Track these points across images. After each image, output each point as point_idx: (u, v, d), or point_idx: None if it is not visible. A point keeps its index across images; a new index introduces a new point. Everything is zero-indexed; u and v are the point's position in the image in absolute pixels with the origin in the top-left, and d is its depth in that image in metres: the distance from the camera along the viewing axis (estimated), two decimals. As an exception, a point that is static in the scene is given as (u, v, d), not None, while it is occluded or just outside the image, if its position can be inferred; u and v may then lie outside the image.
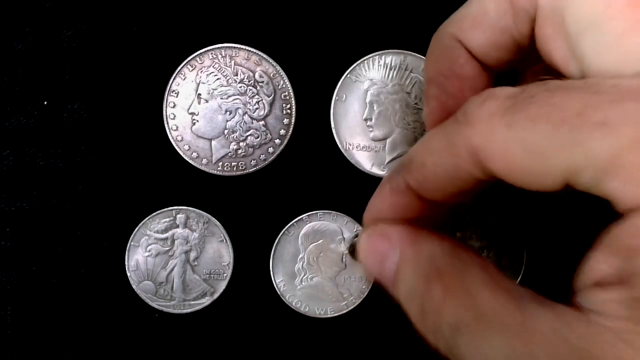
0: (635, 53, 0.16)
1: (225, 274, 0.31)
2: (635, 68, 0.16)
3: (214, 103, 0.31)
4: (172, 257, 0.31)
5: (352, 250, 0.31)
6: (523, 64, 0.22)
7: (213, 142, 0.31)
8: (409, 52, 0.31)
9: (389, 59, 0.31)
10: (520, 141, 0.16)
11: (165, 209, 0.31)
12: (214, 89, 0.31)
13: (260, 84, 0.31)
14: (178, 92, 0.31)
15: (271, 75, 0.31)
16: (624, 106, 0.15)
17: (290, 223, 0.31)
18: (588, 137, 0.15)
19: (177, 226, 0.31)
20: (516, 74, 0.23)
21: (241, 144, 0.31)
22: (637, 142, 0.14)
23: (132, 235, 0.31)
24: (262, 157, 0.31)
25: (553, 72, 0.19)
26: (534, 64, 0.22)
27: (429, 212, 0.20)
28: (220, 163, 0.31)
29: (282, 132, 0.31)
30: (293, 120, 0.31)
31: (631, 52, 0.16)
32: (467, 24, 0.20)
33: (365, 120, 0.31)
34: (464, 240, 0.32)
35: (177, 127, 0.31)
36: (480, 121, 0.17)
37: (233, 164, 0.31)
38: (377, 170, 0.31)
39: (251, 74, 0.31)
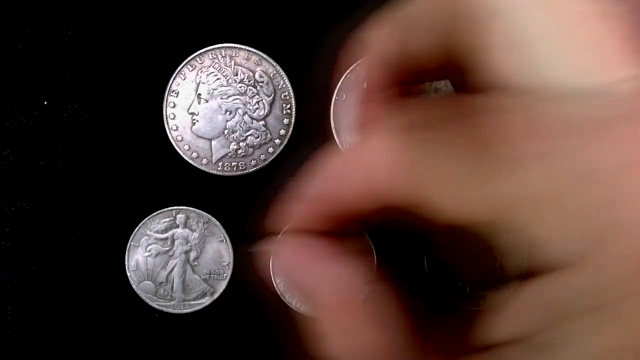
0: (583, 70, 0.15)
1: (225, 274, 0.31)
2: (581, 85, 0.15)
3: (214, 103, 0.31)
4: (172, 257, 0.31)
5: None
6: (455, 74, 0.20)
7: (213, 142, 0.31)
8: (409, 52, 0.31)
9: (389, 59, 0.31)
10: (425, 166, 0.14)
11: (165, 209, 0.31)
12: (214, 89, 0.31)
13: (260, 84, 0.31)
14: (178, 92, 0.31)
15: (271, 75, 0.31)
16: (556, 139, 0.13)
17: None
18: (506, 172, 0.13)
19: (177, 226, 0.31)
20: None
21: (241, 144, 0.31)
22: (571, 181, 0.13)
23: (132, 235, 0.31)
24: (262, 157, 0.31)
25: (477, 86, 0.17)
26: (461, 76, 0.20)
27: (348, 227, 0.19)
28: (220, 163, 0.31)
29: (282, 132, 0.31)
30: (293, 120, 0.31)
31: (579, 69, 0.15)
32: (399, 27, 0.18)
33: (365, 120, 0.31)
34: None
35: (177, 127, 0.31)
36: (388, 135, 0.15)
37: (233, 164, 0.31)
38: (377, 170, 0.31)
39: (251, 74, 0.31)
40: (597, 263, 0.13)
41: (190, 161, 0.31)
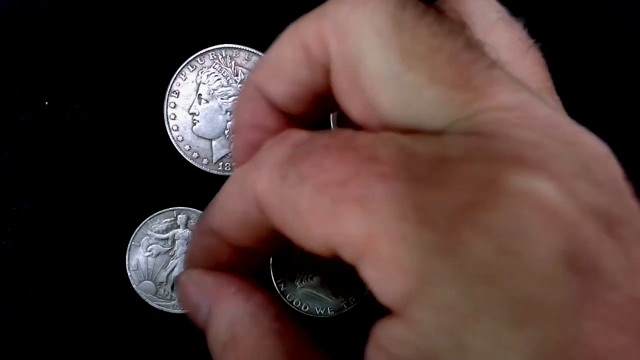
0: (433, 106, 0.15)
1: (225, 274, 0.31)
2: (434, 122, 0.15)
3: (215, 103, 0.31)
4: (172, 258, 0.31)
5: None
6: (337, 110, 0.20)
7: (214, 142, 0.31)
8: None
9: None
10: (288, 198, 0.15)
11: (166, 209, 0.31)
12: (214, 90, 0.31)
13: (261, 84, 0.31)
14: (179, 92, 0.31)
15: (271, 75, 0.31)
16: (390, 182, 0.13)
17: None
18: (345, 211, 0.13)
19: (178, 226, 0.31)
20: None
21: (241, 144, 0.31)
22: (396, 221, 0.13)
23: (132, 235, 0.31)
24: (263, 157, 0.31)
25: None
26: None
27: (243, 257, 0.19)
28: (221, 163, 0.31)
29: (283, 132, 0.31)
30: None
31: (429, 106, 0.15)
32: (267, 74, 0.18)
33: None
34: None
35: (177, 128, 0.31)
36: (264, 167, 0.15)
37: (233, 164, 0.31)
38: (377, 171, 0.31)
39: (251, 74, 0.31)
40: (418, 313, 0.12)
41: (191, 161, 0.31)
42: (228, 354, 0.17)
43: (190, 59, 0.31)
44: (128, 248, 0.31)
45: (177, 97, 0.31)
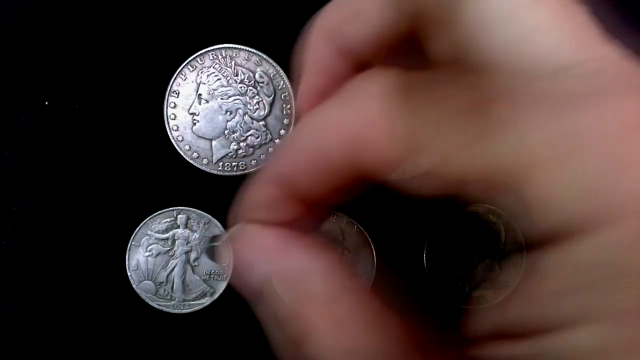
0: (546, 50, 0.14)
1: (225, 275, 0.31)
2: (544, 66, 0.14)
3: (215, 103, 0.31)
4: (172, 258, 0.31)
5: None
6: (404, 59, 0.18)
7: (213, 142, 0.31)
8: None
9: (388, 59, 0.31)
10: (411, 128, 0.13)
11: (167, 209, 0.31)
12: (214, 90, 0.31)
13: (261, 84, 0.31)
14: (179, 92, 0.31)
15: (271, 75, 0.31)
16: (553, 106, 0.13)
17: (291, 223, 0.31)
18: (496, 135, 0.12)
19: (178, 226, 0.31)
20: None
21: (241, 144, 0.31)
22: (577, 142, 0.12)
23: (133, 235, 0.31)
24: (262, 157, 0.31)
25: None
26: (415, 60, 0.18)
27: (307, 212, 0.17)
28: (221, 163, 0.31)
29: (282, 132, 0.31)
30: (293, 120, 0.31)
31: (541, 50, 0.14)
32: (342, 16, 0.17)
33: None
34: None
35: (177, 128, 0.31)
36: (364, 103, 0.14)
37: (233, 164, 0.31)
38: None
39: (251, 74, 0.31)
40: (626, 222, 0.12)
41: (191, 161, 0.31)
42: (298, 315, 0.15)
43: (190, 59, 0.31)
44: (128, 248, 0.31)
45: (177, 97, 0.31)
